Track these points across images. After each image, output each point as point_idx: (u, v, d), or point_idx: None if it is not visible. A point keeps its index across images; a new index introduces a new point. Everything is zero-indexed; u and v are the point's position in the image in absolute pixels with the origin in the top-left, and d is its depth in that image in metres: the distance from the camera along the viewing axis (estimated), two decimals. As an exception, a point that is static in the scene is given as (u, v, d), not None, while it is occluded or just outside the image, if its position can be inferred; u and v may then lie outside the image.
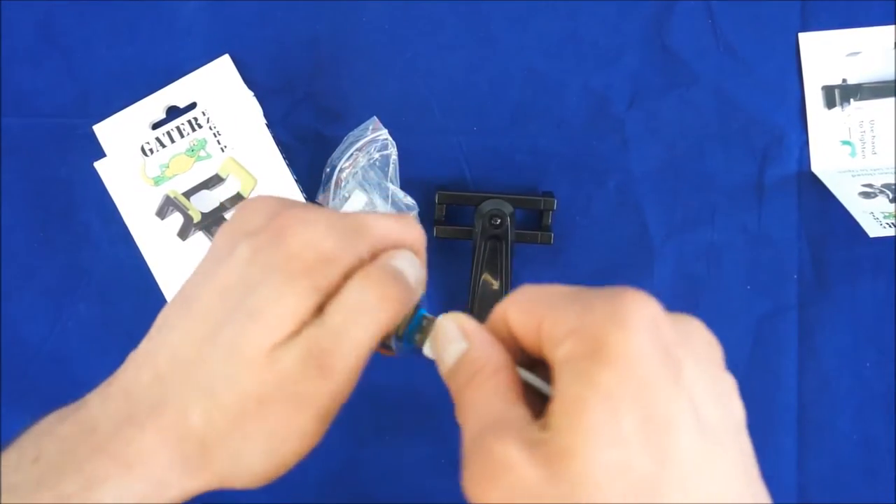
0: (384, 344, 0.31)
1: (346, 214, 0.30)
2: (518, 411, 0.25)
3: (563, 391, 0.23)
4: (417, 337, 0.31)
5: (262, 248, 0.29)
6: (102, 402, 0.29)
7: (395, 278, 0.29)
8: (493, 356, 0.28)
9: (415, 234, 0.32)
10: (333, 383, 0.28)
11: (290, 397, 0.28)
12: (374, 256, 0.30)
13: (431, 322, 0.31)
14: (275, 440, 0.29)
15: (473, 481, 0.24)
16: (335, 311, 0.28)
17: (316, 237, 0.29)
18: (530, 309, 0.27)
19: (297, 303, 0.28)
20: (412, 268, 0.31)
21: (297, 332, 0.28)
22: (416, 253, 0.32)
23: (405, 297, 0.29)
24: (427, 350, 0.31)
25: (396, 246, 0.31)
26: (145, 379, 0.29)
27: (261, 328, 0.28)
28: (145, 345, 0.30)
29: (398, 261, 0.30)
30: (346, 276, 0.29)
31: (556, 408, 0.23)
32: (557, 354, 0.24)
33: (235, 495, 0.53)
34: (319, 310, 0.28)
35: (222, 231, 0.31)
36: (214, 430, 0.28)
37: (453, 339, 0.29)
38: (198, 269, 0.31)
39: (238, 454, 0.28)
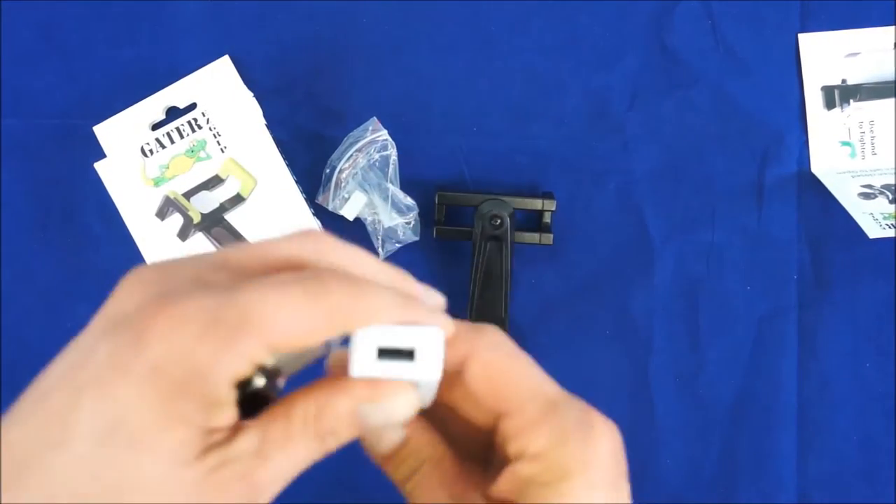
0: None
1: (232, 300, 0.24)
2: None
3: None
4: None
5: (120, 350, 0.23)
6: None
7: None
8: (434, 444, 0.27)
9: (334, 312, 0.24)
10: None
11: None
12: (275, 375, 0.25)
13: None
14: None
15: None
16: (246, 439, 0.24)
17: (183, 342, 0.23)
18: (495, 385, 0.26)
19: (185, 434, 0.23)
20: (382, 416, 0.25)
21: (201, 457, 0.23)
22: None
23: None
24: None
25: (301, 340, 0.24)
26: None
27: (150, 461, 0.22)
28: None
29: (369, 408, 0.25)
30: (233, 384, 0.24)
31: None
32: (522, 469, 0.25)
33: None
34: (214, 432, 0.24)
35: (95, 317, 0.26)
36: None
37: (391, 426, 0.27)
38: (59, 358, 0.25)
39: None
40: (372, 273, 0.27)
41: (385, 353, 0.25)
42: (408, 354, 0.25)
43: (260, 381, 0.25)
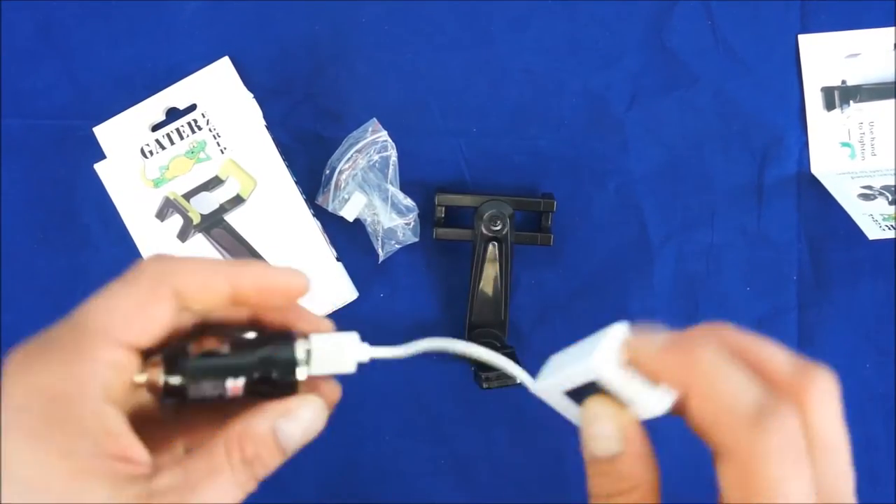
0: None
1: (65, 322, 0.25)
2: None
3: None
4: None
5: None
6: None
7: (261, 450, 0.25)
8: (646, 476, 0.26)
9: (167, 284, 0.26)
10: None
11: None
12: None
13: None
14: None
15: None
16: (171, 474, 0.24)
17: (32, 379, 0.23)
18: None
19: (67, 466, 0.22)
20: (299, 429, 0.27)
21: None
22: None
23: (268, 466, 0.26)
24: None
25: (145, 325, 0.25)
26: None
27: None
28: None
29: (285, 423, 0.26)
30: (108, 398, 0.24)
31: None
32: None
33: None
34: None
35: None
36: None
37: (610, 436, 0.26)
38: None
39: None
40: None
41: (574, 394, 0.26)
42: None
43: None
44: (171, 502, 0.23)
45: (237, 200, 0.52)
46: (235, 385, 0.26)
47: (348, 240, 0.53)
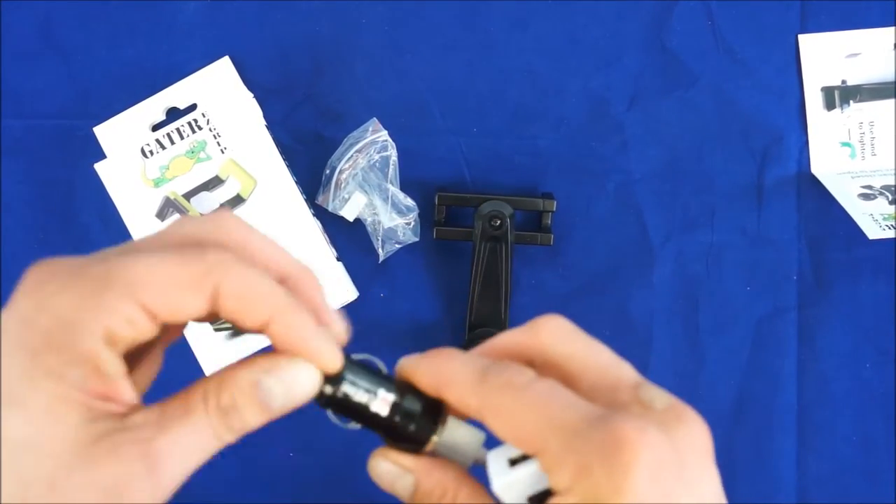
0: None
1: (103, 260, 0.24)
2: None
3: None
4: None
5: (2, 316, 0.24)
6: None
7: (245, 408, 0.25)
8: (444, 479, 0.27)
9: (204, 276, 0.24)
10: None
11: None
12: (151, 317, 0.24)
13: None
14: None
15: None
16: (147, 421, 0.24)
17: (48, 295, 0.23)
18: (513, 431, 0.25)
19: (57, 389, 0.22)
20: (283, 389, 0.25)
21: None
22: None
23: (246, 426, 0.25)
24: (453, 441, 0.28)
25: (172, 299, 0.24)
26: None
27: (22, 417, 0.22)
28: None
29: (268, 379, 0.25)
30: (110, 342, 0.23)
31: None
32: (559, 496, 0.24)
33: (234, 496, 0.54)
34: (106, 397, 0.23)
35: None
36: None
37: (396, 475, 0.27)
38: None
39: None
40: (270, 257, 0.27)
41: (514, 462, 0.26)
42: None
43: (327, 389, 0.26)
44: (139, 438, 0.23)
45: (237, 200, 0.52)
46: (386, 398, 0.27)
47: (348, 240, 0.53)
